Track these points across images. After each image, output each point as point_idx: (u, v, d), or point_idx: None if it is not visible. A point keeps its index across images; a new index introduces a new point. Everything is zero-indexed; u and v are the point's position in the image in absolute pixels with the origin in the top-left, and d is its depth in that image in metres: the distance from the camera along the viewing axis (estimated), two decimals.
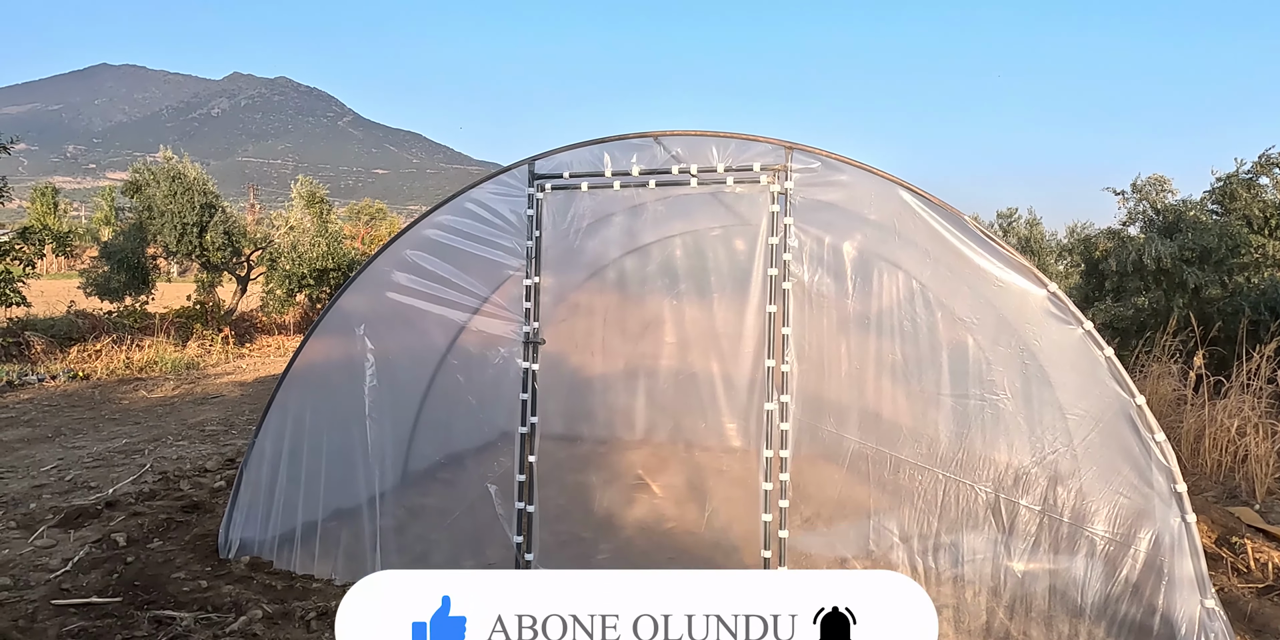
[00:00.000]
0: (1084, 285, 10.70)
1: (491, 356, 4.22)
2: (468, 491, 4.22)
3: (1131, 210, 10.22)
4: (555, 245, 4.16)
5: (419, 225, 4.28)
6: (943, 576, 3.47)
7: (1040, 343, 3.44)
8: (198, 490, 5.44)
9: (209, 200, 13.84)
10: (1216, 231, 8.89)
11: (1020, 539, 3.38)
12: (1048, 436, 3.40)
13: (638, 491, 4.91)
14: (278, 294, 14.47)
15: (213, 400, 9.21)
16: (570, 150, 4.04)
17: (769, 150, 3.76)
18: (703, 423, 4.70)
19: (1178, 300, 8.83)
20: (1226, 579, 4.22)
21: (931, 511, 3.52)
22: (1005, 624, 3.34)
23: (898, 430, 3.71)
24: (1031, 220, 17.70)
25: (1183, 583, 3.16)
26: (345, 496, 4.24)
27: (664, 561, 4.11)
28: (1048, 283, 3.40)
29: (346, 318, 4.32)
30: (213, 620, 3.45)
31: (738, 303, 3.99)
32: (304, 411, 4.26)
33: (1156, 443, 3.23)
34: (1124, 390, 3.29)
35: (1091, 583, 3.27)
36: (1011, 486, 3.41)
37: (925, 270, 3.65)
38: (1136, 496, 3.26)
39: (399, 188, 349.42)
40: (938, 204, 3.54)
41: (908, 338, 3.68)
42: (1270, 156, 9.41)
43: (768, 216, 3.73)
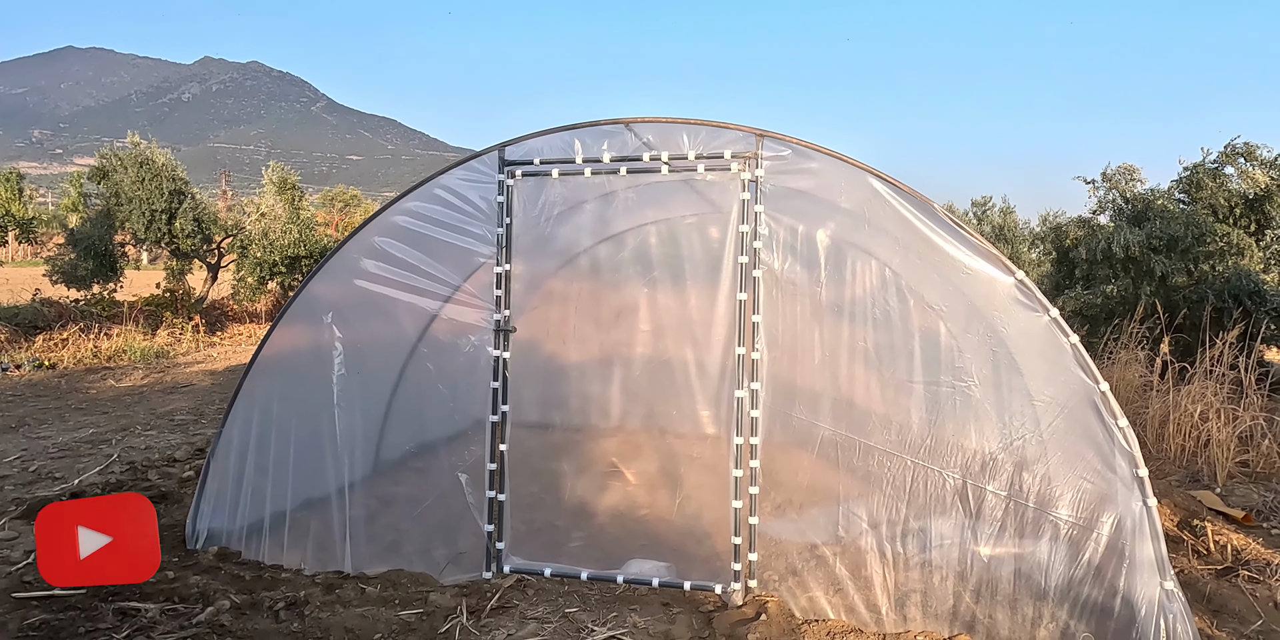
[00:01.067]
0: (1055, 273, 10.83)
1: (463, 345, 4.19)
2: (439, 480, 4.20)
3: (1101, 199, 10.35)
4: (527, 233, 4.13)
5: (388, 212, 4.23)
6: (911, 561, 3.51)
7: (1008, 330, 3.47)
8: (166, 480, 5.37)
9: (178, 186, 13.59)
10: (1183, 220, 9.02)
11: (987, 524, 3.42)
12: (1015, 423, 3.44)
13: (611, 479, 4.91)
14: (249, 282, 14.27)
15: (182, 389, 9.09)
16: (541, 136, 4.01)
17: (740, 138, 3.75)
18: (676, 410, 4.70)
19: (1145, 288, 8.97)
20: (1187, 561, 4.31)
21: (900, 497, 3.55)
22: (971, 608, 3.38)
23: (869, 417, 3.73)
24: (1005, 208, 17.87)
25: (1143, 565, 3.22)
26: (314, 486, 4.20)
27: (636, 549, 4.12)
28: (1015, 270, 3.43)
29: (314, 306, 4.26)
30: (179, 611, 3.41)
31: (710, 290, 3.99)
32: (271, 400, 4.21)
33: (1120, 428, 3.27)
34: (1089, 377, 3.33)
35: (1055, 566, 3.32)
36: (979, 472, 3.45)
37: (896, 258, 3.66)
38: (1100, 481, 3.31)
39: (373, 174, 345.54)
40: (908, 192, 3.55)
41: (880, 325, 3.70)
42: (1235, 146, 9.55)
43: (738, 204, 3.72)
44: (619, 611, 3.55)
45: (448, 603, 3.59)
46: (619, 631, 3.32)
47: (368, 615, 3.47)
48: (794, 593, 3.58)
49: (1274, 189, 9.26)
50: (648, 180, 4.35)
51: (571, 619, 3.47)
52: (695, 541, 4.10)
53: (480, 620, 3.46)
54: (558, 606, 3.60)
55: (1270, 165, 9.48)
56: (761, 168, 3.70)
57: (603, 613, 3.54)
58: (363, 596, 3.67)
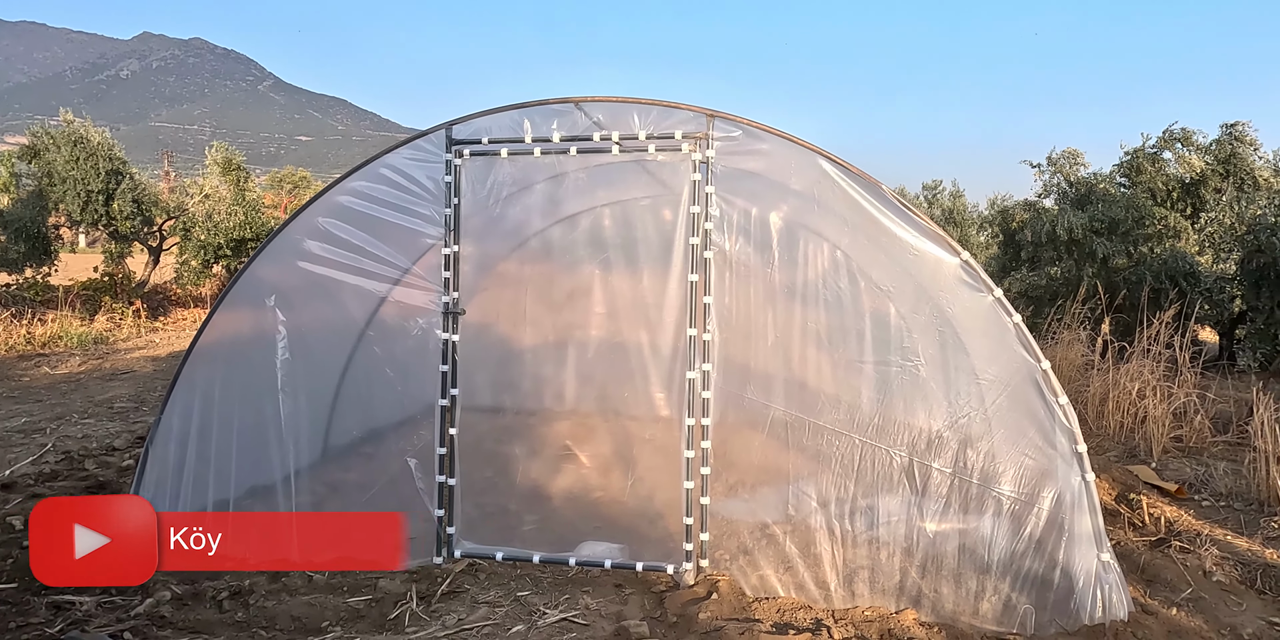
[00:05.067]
0: (1002, 256, 11.05)
1: (411, 328, 4.12)
2: (388, 466, 4.14)
3: (1047, 183, 10.58)
4: (476, 214, 4.06)
5: (331, 191, 4.13)
6: (859, 538, 3.56)
7: (954, 310, 3.52)
8: (104, 470, 5.21)
9: (115, 166, 13.11)
10: (1124, 204, 9.26)
11: (932, 500, 3.49)
12: (961, 401, 3.50)
13: (565, 462, 4.89)
14: (193, 265, 13.87)
15: (123, 376, 8.82)
16: (489, 115, 3.93)
17: (691, 118, 3.72)
18: (630, 392, 4.69)
19: (1088, 270, 9.21)
20: (1124, 533, 4.45)
21: (849, 476, 3.60)
22: (917, 582, 3.45)
23: (820, 397, 3.76)
24: (955, 192, 18.17)
25: (1081, 538, 3.32)
26: (259, 473, 4.11)
27: (590, 532, 4.12)
28: (960, 251, 3.47)
29: (256, 288, 4.15)
30: (116, 603, 3.32)
31: (663, 273, 3.97)
32: (213, 386, 4.09)
33: (1060, 405, 3.35)
34: (1031, 355, 3.40)
35: (998, 540, 3.40)
36: (925, 450, 3.51)
37: (846, 239, 3.68)
38: (1041, 457, 3.39)
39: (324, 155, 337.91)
40: (856, 173, 3.57)
41: (831, 307, 3.72)
42: (1173, 132, 9.82)
43: (689, 185, 3.70)
44: (571, 594, 3.55)
45: (397, 588, 3.55)
46: (571, 613, 3.32)
47: (315, 603, 3.41)
48: (745, 571, 3.61)
49: (1208, 173, 9.55)
50: (599, 161, 4.31)
51: (523, 602, 3.46)
52: (648, 523, 4.11)
53: (431, 605, 3.43)
54: (510, 590, 3.59)
55: (1205, 151, 9.77)
56: (712, 148, 3.68)
57: (555, 595, 3.53)
58: (310, 584, 3.61)
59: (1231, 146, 9.64)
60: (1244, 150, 9.64)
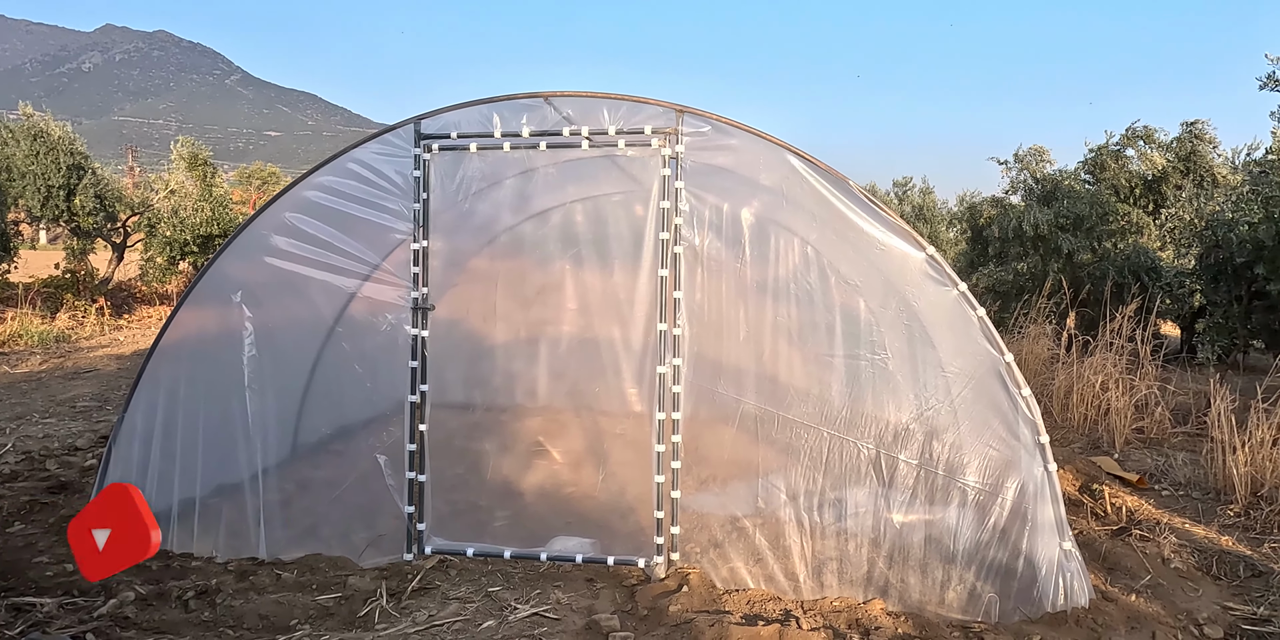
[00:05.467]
0: (970, 251, 11.20)
1: (380, 324, 4.09)
2: (358, 462, 4.11)
3: (1014, 180, 10.73)
4: (445, 209, 4.04)
5: (299, 186, 4.08)
6: (828, 530, 3.60)
7: (920, 304, 3.57)
8: (66, 470, 5.12)
9: (77, 161, 12.85)
10: (1088, 200, 9.42)
11: (899, 492, 3.54)
12: (927, 393, 3.55)
13: (537, 457, 4.89)
14: (158, 262, 13.64)
15: (85, 375, 8.65)
16: (458, 110, 3.91)
17: (660, 113, 3.73)
18: (602, 388, 4.69)
19: (1053, 265, 9.36)
20: (1086, 523, 4.54)
21: (818, 469, 3.63)
22: (885, 573, 3.50)
23: (791, 392, 3.80)
24: (925, 189, 18.37)
25: (1044, 527, 3.38)
26: (227, 471, 4.06)
27: (561, 527, 4.12)
28: (926, 246, 3.52)
29: (221, 285, 4.09)
30: (79, 604, 3.27)
31: (633, 268, 3.98)
32: (178, 384, 4.04)
33: (1023, 397, 3.41)
34: (994, 348, 3.45)
35: (963, 531, 3.46)
36: (892, 442, 3.55)
37: (814, 234, 3.71)
38: (1005, 448, 3.45)
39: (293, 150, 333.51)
40: (824, 169, 3.60)
41: (802, 301, 3.75)
42: (1136, 129, 10.00)
43: (659, 180, 3.71)
44: (543, 588, 3.55)
45: (367, 586, 3.53)
46: (542, 608, 3.33)
47: (283, 601, 3.38)
48: (715, 564, 3.63)
49: (1170, 170, 9.75)
50: (569, 156, 4.30)
51: (494, 597, 3.46)
52: (620, 517, 4.12)
53: (401, 602, 3.42)
54: (480, 586, 3.58)
55: (1167, 148, 9.96)
56: (682, 144, 3.69)
57: (526, 590, 3.53)
58: (278, 582, 3.58)
59: (1192, 144, 9.85)
60: (1203, 148, 9.85)
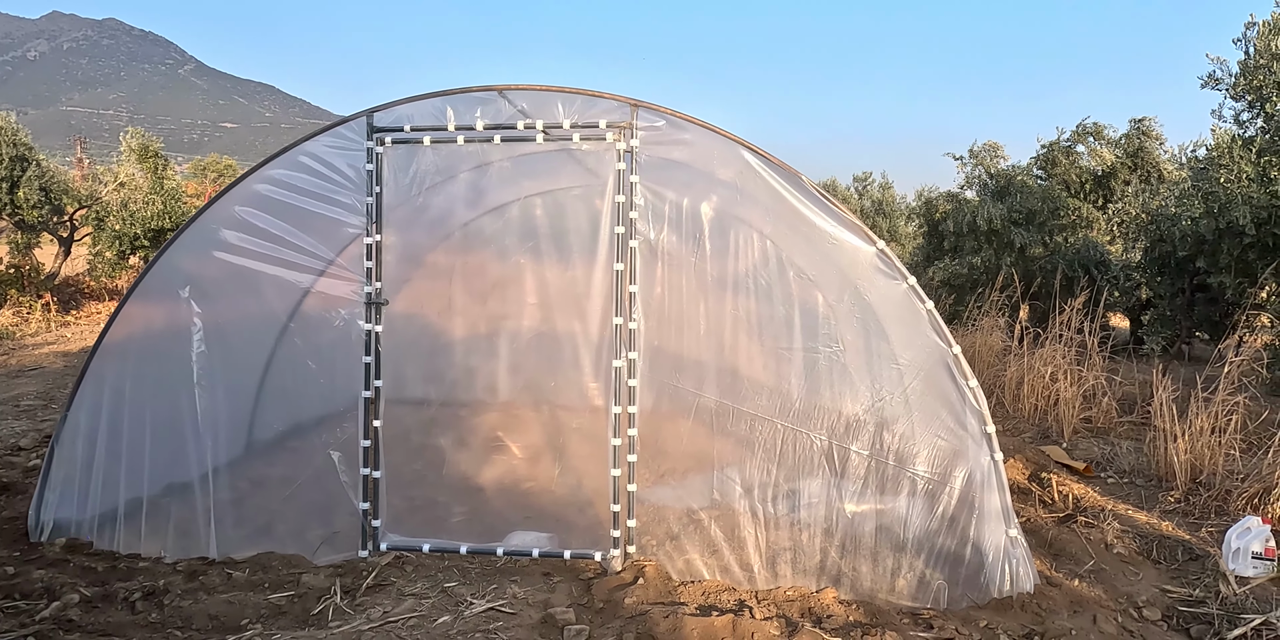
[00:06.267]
0: (926, 245, 11.38)
1: (333, 319, 4.04)
2: (312, 459, 4.06)
3: (969, 175, 10.91)
4: (400, 204, 4.00)
5: (248, 179, 4.01)
6: (781, 521, 3.65)
7: (871, 297, 3.62)
8: (8, 470, 4.98)
9: (20, 152, 12.44)
10: (1040, 195, 9.63)
11: (851, 482, 3.60)
12: (879, 385, 3.60)
13: (496, 453, 4.87)
14: (107, 256, 13.29)
15: (30, 373, 8.42)
16: (411, 102, 3.88)
17: (615, 107, 3.74)
18: (560, 382, 4.69)
19: (1006, 258, 9.55)
20: (1034, 511, 4.66)
21: (772, 460, 3.68)
22: (837, 562, 3.56)
23: (750, 385, 3.83)
24: (884, 184, 18.59)
25: (991, 515, 3.46)
26: (176, 470, 3.98)
27: (520, 521, 4.12)
28: (876, 240, 3.57)
29: (169, 279, 4.01)
30: (20, 608, 3.19)
31: (589, 262, 3.97)
32: (123, 381, 3.95)
33: (970, 388, 3.49)
34: (942, 340, 3.52)
35: (913, 519, 3.53)
36: (844, 433, 3.61)
37: (769, 228, 3.75)
38: (953, 438, 3.53)
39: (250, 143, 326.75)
40: (777, 164, 3.63)
41: (761, 295, 3.79)
42: (1086, 126, 10.23)
43: (614, 174, 3.72)
44: (499, 583, 3.55)
45: (321, 583, 3.50)
46: (498, 603, 3.32)
47: (234, 600, 3.33)
48: (671, 556, 3.67)
49: (1118, 166, 9.99)
50: (525, 150, 4.28)
51: (450, 593, 3.45)
52: (577, 511, 4.13)
53: (355, 599, 3.39)
54: (437, 581, 3.57)
55: (1115, 144, 10.20)
56: (636, 138, 3.70)
57: (482, 585, 3.53)
58: (229, 582, 3.53)
59: (1139, 141, 10.10)
60: (1150, 144, 10.11)
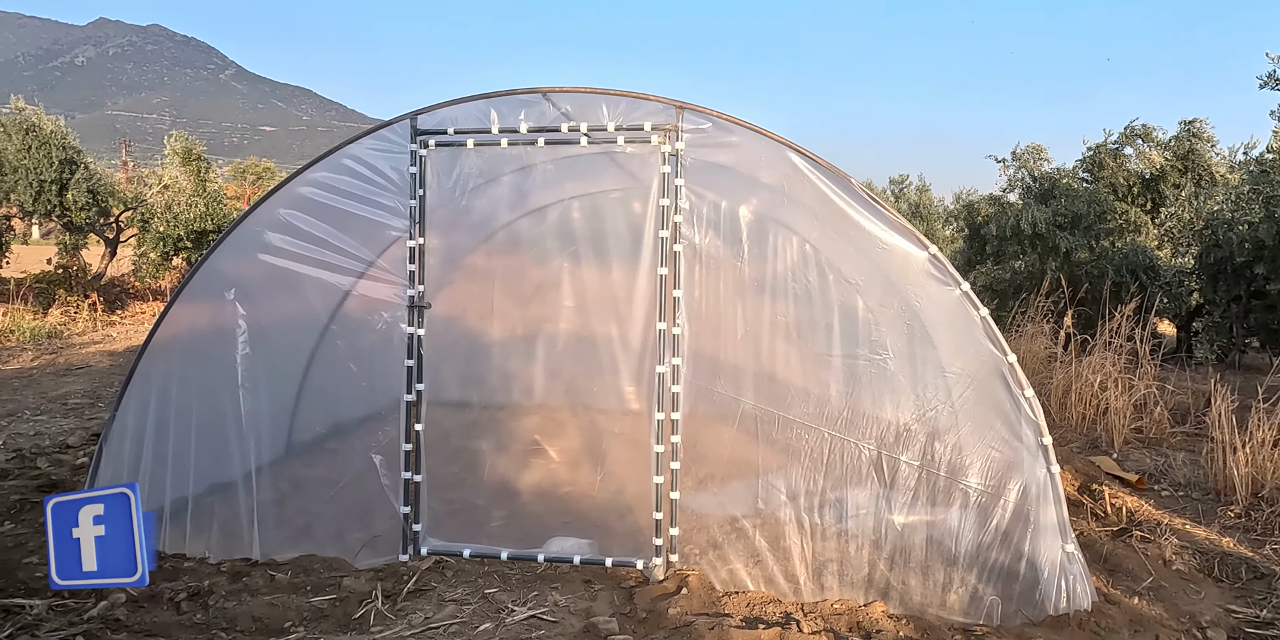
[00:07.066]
0: (967, 249, 11.18)
1: (375, 322, 4.04)
2: (353, 462, 4.06)
3: (1011, 177, 10.70)
4: (442, 206, 3.99)
5: (293, 182, 4.03)
6: (828, 532, 3.57)
7: (922, 303, 3.53)
8: (57, 468, 5.06)
9: (70, 155, 12.75)
10: (1086, 198, 9.40)
11: (901, 493, 3.50)
12: (928, 394, 3.51)
13: (534, 456, 4.84)
14: (151, 257, 13.56)
15: (77, 371, 8.58)
16: (455, 105, 3.86)
17: (660, 109, 3.69)
18: (600, 386, 4.65)
19: (1051, 263, 9.34)
20: (1086, 524, 4.51)
21: (818, 469, 3.60)
22: (885, 575, 3.47)
23: (789, 391, 3.76)
24: (921, 187, 18.35)
25: (1047, 529, 3.35)
26: (220, 470, 4.01)
27: (559, 527, 4.08)
28: (928, 245, 3.48)
29: (215, 281, 4.04)
30: (69, 607, 3.22)
31: (632, 266, 3.93)
32: (170, 382, 3.98)
33: (1026, 398, 3.38)
34: (997, 349, 3.42)
35: (965, 532, 3.43)
36: (893, 443, 3.52)
37: (815, 232, 3.68)
38: (1007, 450, 3.42)
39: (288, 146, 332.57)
40: (826, 166, 3.56)
41: (800, 300, 3.72)
42: (1134, 128, 9.98)
43: (659, 177, 3.67)
44: (540, 590, 3.51)
45: (362, 587, 3.49)
46: (539, 611, 3.29)
47: (277, 603, 3.34)
48: (715, 566, 3.60)
49: (1168, 169, 9.73)
50: (567, 152, 4.25)
51: (491, 599, 3.42)
52: (618, 517, 4.08)
53: (396, 604, 3.37)
54: (477, 587, 3.54)
55: (1165, 147, 9.94)
56: (682, 140, 3.65)
57: (523, 592, 3.49)
58: (272, 584, 3.53)
59: (1190, 143, 9.83)
60: (1202, 146, 9.83)
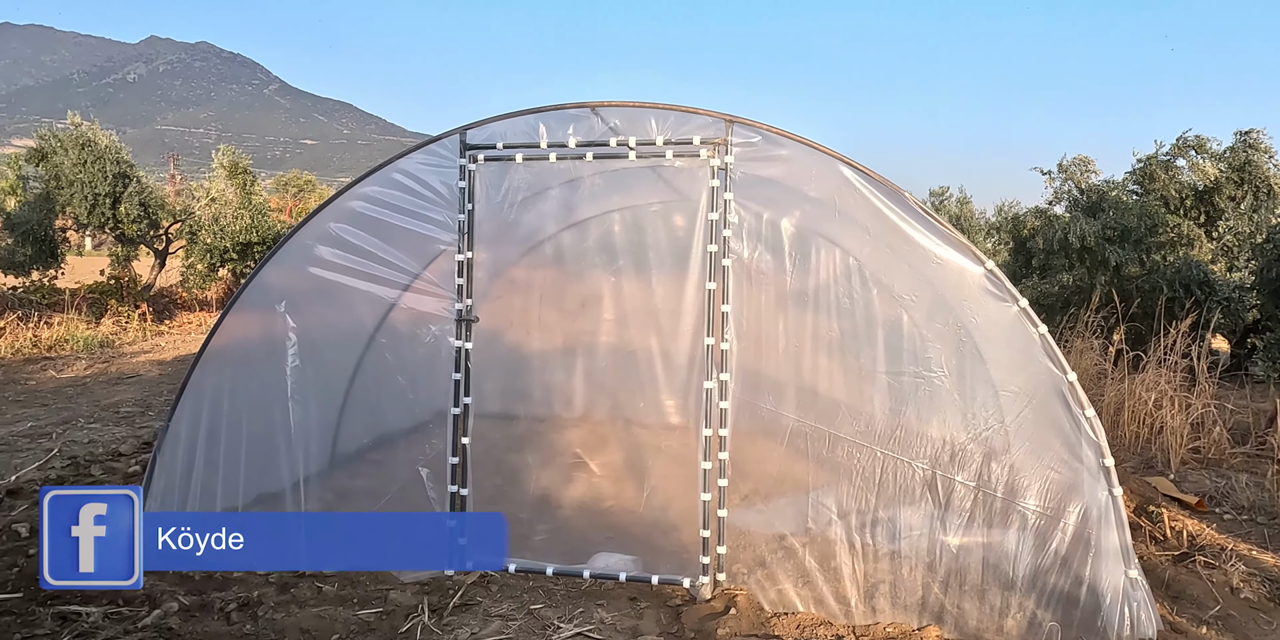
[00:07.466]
0: (1012, 263, 10.98)
1: (423, 335, 4.07)
2: (399, 474, 4.08)
3: (1057, 190, 10.50)
4: (489, 219, 4.00)
5: (343, 197, 4.07)
6: (880, 552, 3.49)
7: (976, 320, 3.46)
8: (110, 475, 5.16)
9: (123, 169, 13.10)
10: (1137, 211, 9.19)
11: (955, 514, 3.42)
12: (983, 413, 3.43)
13: (576, 470, 4.83)
14: (199, 269, 13.84)
15: (128, 380, 8.78)
16: (504, 120, 3.88)
17: (709, 123, 3.67)
18: (641, 400, 4.62)
19: (1100, 277, 9.12)
20: (1145, 547, 4.37)
21: (869, 488, 3.53)
22: (940, 598, 3.38)
23: (835, 407, 3.70)
24: (962, 198, 18.11)
25: (1109, 554, 3.24)
26: (268, 481, 4.05)
27: (602, 542, 4.05)
28: (985, 260, 3.41)
29: (266, 294, 4.10)
30: (123, 614, 3.26)
31: (677, 279, 3.91)
32: (221, 393, 4.04)
33: (1087, 418, 3.29)
34: (1056, 367, 3.33)
35: (1023, 556, 3.33)
36: (948, 463, 3.44)
37: (864, 247, 3.62)
38: (1067, 471, 3.32)
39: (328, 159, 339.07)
40: (878, 180, 3.51)
41: (847, 315, 3.66)
42: (1187, 139, 9.74)
43: (707, 191, 3.64)
44: (585, 607, 3.48)
45: (408, 600, 3.49)
46: (585, 628, 3.25)
47: (325, 615, 3.35)
48: (763, 585, 3.54)
49: (1223, 181, 9.48)
50: (614, 166, 4.25)
51: (537, 616, 3.39)
52: (662, 534, 4.04)
53: (442, 618, 3.36)
54: (523, 603, 3.52)
55: (1219, 158, 9.69)
56: (731, 154, 3.62)
57: (569, 608, 3.47)
58: (319, 595, 3.55)
59: (1246, 154, 9.57)
60: (1259, 158, 9.56)
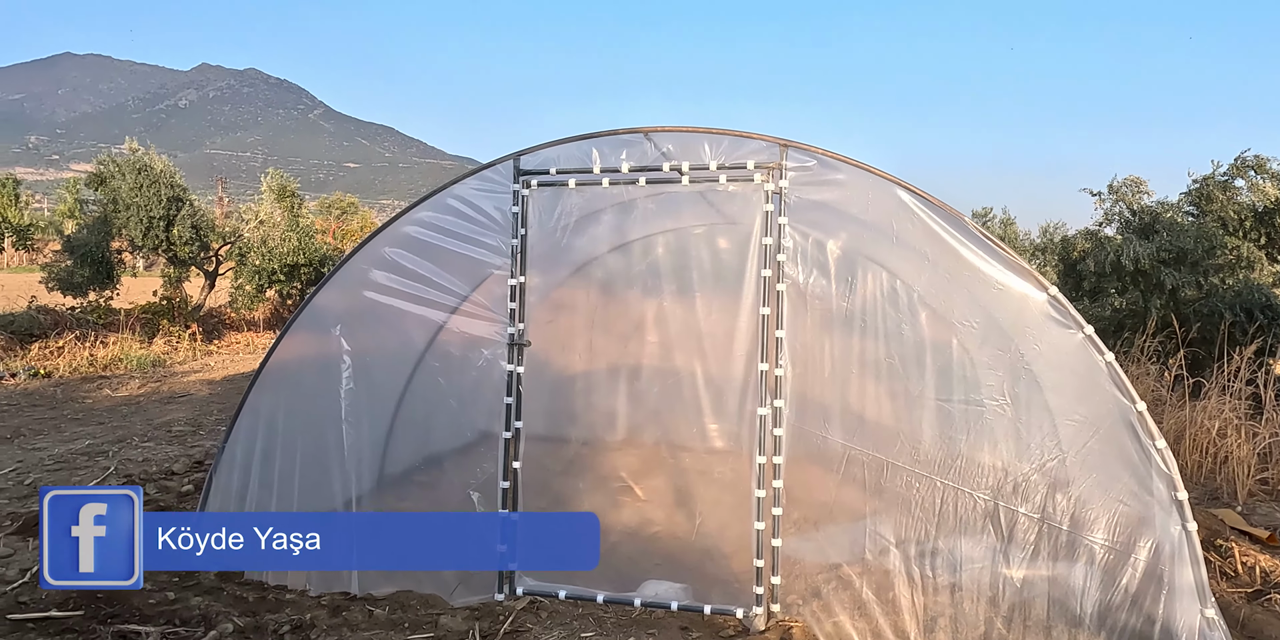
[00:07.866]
0: (1061, 285, 10.75)
1: (474, 358, 4.08)
2: (449, 497, 4.09)
3: (1108, 211, 10.27)
4: (541, 243, 4.03)
5: (398, 222, 4.13)
6: (939, 584, 3.40)
7: (1040, 347, 3.37)
8: (164, 494, 5.24)
9: (176, 193, 13.47)
10: (1193, 233, 8.94)
11: (1019, 547, 3.32)
12: (1047, 443, 3.34)
13: (622, 494, 4.79)
14: (247, 290, 14.15)
15: (180, 399, 8.95)
16: (557, 146, 3.92)
17: (763, 148, 3.66)
18: (687, 424, 4.58)
19: (1155, 301, 8.88)
20: (1215, 584, 4.19)
21: (928, 518, 3.44)
22: (1003, 634, 3.27)
23: (896, 436, 3.63)
24: (1006, 220, 17.81)
25: (1183, 592, 3.12)
26: (319, 501, 4.07)
27: (651, 568, 4.00)
28: (1048, 286, 3.34)
29: (322, 316, 4.15)
30: (180, 635, 3.29)
31: (726, 303, 3.89)
32: (276, 414, 4.09)
33: (1157, 449, 3.18)
34: (1124, 396, 3.23)
35: (1090, 592, 3.22)
36: (1010, 494, 3.35)
37: (921, 272, 3.57)
38: (1136, 504, 3.21)
39: (371, 181, 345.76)
40: (937, 204, 3.46)
41: (904, 341, 3.61)
42: (1246, 159, 9.50)
43: (761, 216, 3.63)
44: (636, 636, 3.43)
45: (459, 626, 3.47)
46: None
47: (376, 639, 3.34)
48: (818, 617, 3.46)
49: None
50: (666, 191, 4.26)
51: None
52: (712, 562, 3.98)
53: None
54: (573, 630, 3.48)
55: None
56: (786, 178, 3.61)
57: (619, 637, 3.42)
58: (370, 619, 3.54)
59: None
60: None
